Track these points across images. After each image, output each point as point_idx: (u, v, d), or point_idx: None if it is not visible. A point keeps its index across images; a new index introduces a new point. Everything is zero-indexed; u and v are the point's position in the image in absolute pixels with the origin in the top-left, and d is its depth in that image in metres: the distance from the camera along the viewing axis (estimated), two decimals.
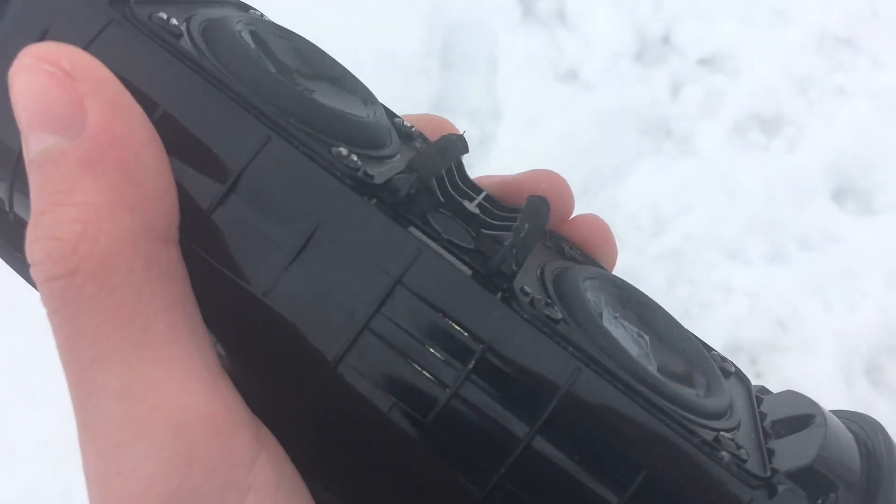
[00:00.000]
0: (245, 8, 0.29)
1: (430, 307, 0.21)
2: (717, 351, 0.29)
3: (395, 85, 1.17)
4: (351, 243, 0.21)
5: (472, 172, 0.29)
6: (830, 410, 0.27)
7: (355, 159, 0.22)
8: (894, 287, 1.10)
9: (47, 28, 0.22)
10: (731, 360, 0.29)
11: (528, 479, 0.21)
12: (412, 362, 0.21)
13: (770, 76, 1.28)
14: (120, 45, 0.22)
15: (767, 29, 1.34)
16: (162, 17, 0.22)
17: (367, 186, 0.22)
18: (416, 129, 0.31)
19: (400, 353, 0.21)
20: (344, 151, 0.22)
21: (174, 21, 0.23)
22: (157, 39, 0.22)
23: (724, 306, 1.08)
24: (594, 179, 1.18)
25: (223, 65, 0.23)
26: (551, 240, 0.30)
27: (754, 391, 0.29)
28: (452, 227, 0.25)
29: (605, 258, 0.31)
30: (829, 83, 1.29)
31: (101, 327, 0.19)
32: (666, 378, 0.23)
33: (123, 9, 0.22)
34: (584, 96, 1.24)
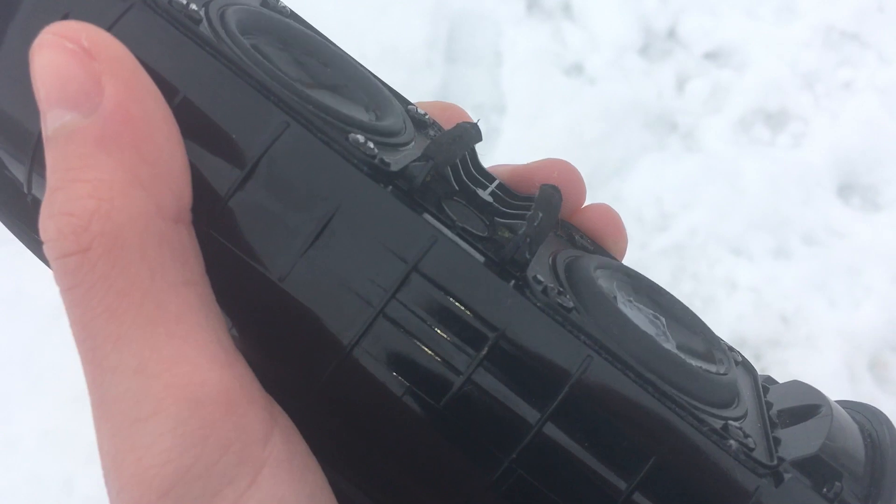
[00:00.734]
0: None
1: (445, 294, 0.21)
2: (724, 341, 0.30)
3: (399, 77, 1.17)
4: (367, 230, 0.21)
5: None
6: (836, 401, 0.27)
7: (372, 146, 0.22)
8: None
9: (67, 13, 0.22)
10: (737, 350, 0.30)
11: (538, 465, 0.21)
12: (426, 348, 0.21)
13: (776, 71, 1.28)
14: (140, 29, 0.22)
15: (774, 23, 1.33)
16: (181, 3, 0.23)
17: (384, 174, 0.22)
18: (429, 116, 0.31)
19: (414, 338, 0.21)
20: (361, 139, 0.22)
21: (193, 6, 0.23)
22: (176, 24, 0.22)
23: (727, 301, 1.08)
24: (598, 173, 1.18)
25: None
26: (562, 229, 0.30)
27: (760, 381, 0.29)
28: (466, 214, 0.25)
29: (615, 248, 0.31)
30: (835, 78, 1.29)
31: (114, 304, 0.19)
32: (685, 354, 0.23)
33: None
34: (589, 90, 1.24)
